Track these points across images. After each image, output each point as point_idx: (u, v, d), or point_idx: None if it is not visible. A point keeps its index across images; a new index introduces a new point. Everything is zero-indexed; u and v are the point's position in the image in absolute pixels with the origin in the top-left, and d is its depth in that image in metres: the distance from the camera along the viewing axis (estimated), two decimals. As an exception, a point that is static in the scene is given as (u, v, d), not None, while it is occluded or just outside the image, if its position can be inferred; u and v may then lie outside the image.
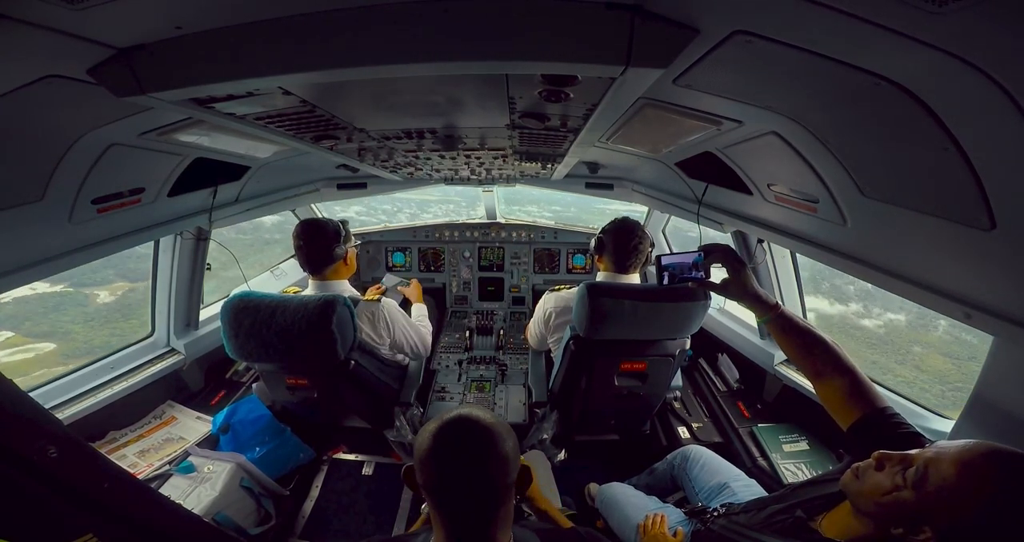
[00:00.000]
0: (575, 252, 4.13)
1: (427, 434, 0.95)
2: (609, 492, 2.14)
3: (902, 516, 0.91)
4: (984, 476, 0.83)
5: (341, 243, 2.22)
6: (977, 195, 0.99)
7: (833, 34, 0.80)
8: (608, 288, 2.06)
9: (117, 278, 6.45)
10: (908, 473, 0.91)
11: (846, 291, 7.44)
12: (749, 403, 2.76)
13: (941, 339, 6.25)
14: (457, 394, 3.16)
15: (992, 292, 1.19)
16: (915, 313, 6.66)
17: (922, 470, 0.89)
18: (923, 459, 0.90)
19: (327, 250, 2.17)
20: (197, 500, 2.02)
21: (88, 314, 6.01)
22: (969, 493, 0.83)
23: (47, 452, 1.08)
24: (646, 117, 1.50)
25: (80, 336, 5.72)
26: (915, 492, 0.89)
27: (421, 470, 0.94)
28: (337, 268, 2.26)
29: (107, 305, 6.18)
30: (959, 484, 0.84)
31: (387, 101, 1.31)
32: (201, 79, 0.98)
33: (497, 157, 2.22)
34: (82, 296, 6.34)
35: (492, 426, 0.95)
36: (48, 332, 5.47)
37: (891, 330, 7.10)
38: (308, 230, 2.18)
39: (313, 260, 2.19)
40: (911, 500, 0.89)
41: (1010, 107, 0.78)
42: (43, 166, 1.40)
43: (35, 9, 0.77)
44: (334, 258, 2.21)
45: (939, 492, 0.86)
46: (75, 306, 6.19)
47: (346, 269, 2.32)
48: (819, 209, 1.58)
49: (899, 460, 0.94)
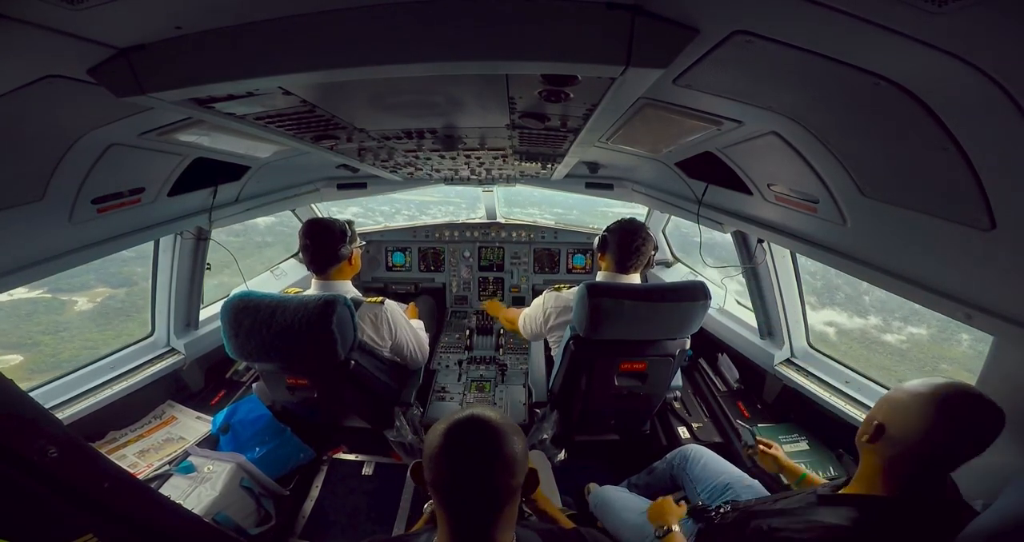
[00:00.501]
0: (575, 252, 4.12)
1: (438, 432, 0.96)
2: (602, 495, 2.15)
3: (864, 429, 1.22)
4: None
5: (347, 243, 2.21)
6: (977, 195, 1.00)
7: (833, 34, 0.80)
8: (608, 288, 2.06)
9: (98, 283, 5.99)
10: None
11: (862, 302, 7.19)
12: (749, 403, 2.76)
13: (965, 354, 6.06)
14: (457, 394, 3.16)
15: (992, 292, 1.20)
16: (936, 326, 6.49)
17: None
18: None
19: (333, 249, 2.17)
20: (197, 500, 2.02)
21: (59, 324, 5.56)
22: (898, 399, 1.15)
23: (47, 452, 1.08)
24: (646, 117, 1.50)
25: (48, 349, 5.16)
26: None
27: (430, 467, 0.95)
28: (342, 268, 2.25)
29: (83, 314, 5.69)
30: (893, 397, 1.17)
31: (387, 101, 1.31)
32: (201, 79, 0.98)
33: (497, 157, 2.22)
34: (58, 303, 5.84)
35: (503, 427, 0.95)
36: (16, 343, 4.98)
37: (914, 344, 6.89)
38: (314, 229, 2.18)
39: (318, 259, 2.19)
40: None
41: (1010, 107, 0.78)
42: (43, 166, 1.40)
43: (35, 9, 0.77)
44: (340, 257, 2.20)
45: (879, 403, 1.21)
46: (50, 314, 5.68)
47: (350, 269, 2.31)
48: (819, 209, 1.58)
49: None
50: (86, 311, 5.75)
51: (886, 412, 1.16)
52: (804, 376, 2.50)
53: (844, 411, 2.20)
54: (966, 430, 1.05)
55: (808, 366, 2.56)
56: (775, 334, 2.69)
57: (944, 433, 1.05)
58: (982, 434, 1.04)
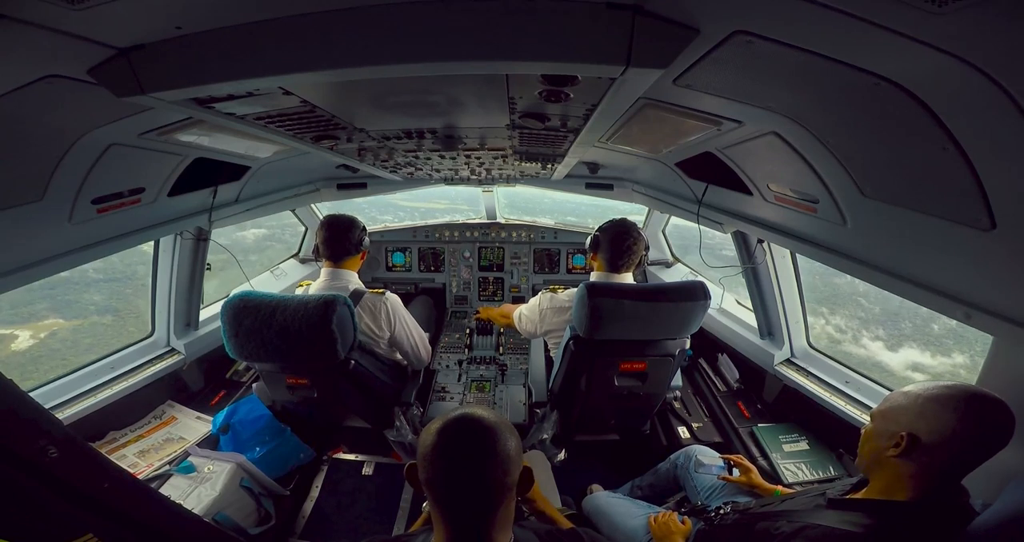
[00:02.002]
0: (575, 252, 4.12)
1: (431, 431, 0.96)
2: (593, 502, 2.15)
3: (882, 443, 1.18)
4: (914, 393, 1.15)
5: (365, 238, 2.41)
6: (977, 195, 1.00)
7: (833, 34, 0.81)
8: (608, 288, 2.06)
9: (51, 312, 5.32)
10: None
11: (932, 331, 6.39)
12: (749, 403, 2.77)
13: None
14: (457, 394, 3.16)
15: (992, 292, 1.20)
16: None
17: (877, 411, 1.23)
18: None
19: (351, 240, 2.33)
20: (197, 500, 2.02)
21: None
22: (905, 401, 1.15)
23: (47, 452, 1.08)
24: (646, 117, 1.50)
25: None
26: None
27: (424, 467, 0.95)
28: (354, 260, 2.40)
29: (16, 354, 4.83)
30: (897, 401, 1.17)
31: (387, 101, 1.31)
32: (201, 79, 0.98)
33: (497, 157, 2.22)
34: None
35: (496, 425, 0.95)
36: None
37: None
38: (338, 220, 2.34)
39: (336, 248, 2.32)
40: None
41: (1010, 107, 0.78)
42: (43, 166, 1.40)
43: (35, 9, 0.77)
44: (357, 250, 2.37)
45: (885, 415, 1.19)
46: (-17, 349, 4.70)
47: (359, 262, 2.46)
48: (819, 209, 1.58)
49: None
50: (20, 350, 4.92)
51: (912, 422, 1.11)
52: (804, 376, 2.50)
53: (844, 411, 2.20)
54: (993, 430, 1.05)
55: (808, 366, 2.56)
56: (775, 334, 2.69)
57: (975, 434, 1.05)
58: (1005, 434, 1.04)
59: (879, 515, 1.16)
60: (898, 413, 1.15)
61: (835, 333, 8.89)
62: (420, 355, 2.56)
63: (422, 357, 2.58)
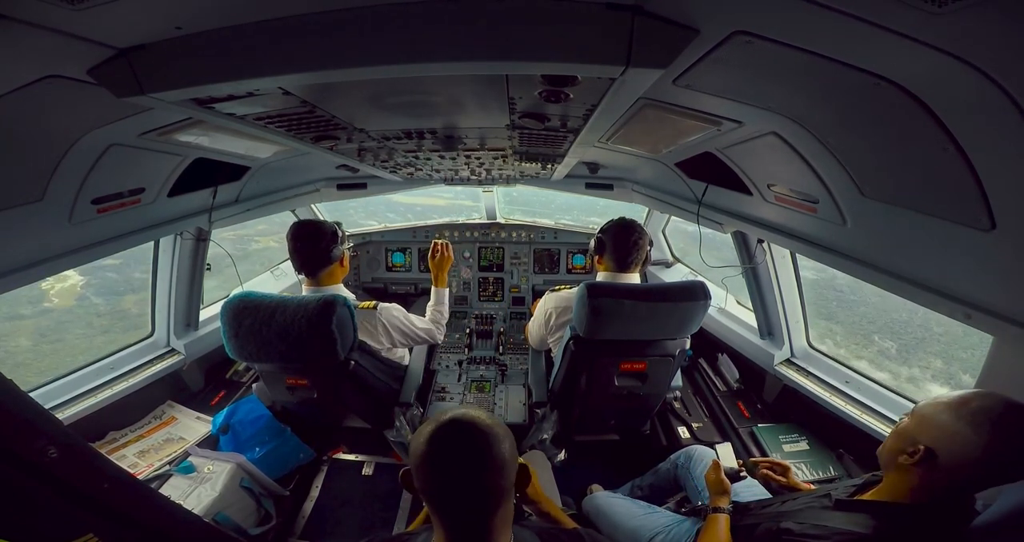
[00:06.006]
0: (575, 252, 4.12)
1: (422, 438, 0.93)
2: (593, 502, 2.15)
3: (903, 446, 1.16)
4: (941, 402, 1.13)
5: (338, 244, 2.17)
6: (977, 195, 1.00)
7: (833, 34, 0.81)
8: (608, 288, 2.06)
9: None
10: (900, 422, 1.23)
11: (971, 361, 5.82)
12: (749, 403, 2.76)
13: None
14: (457, 394, 3.16)
15: (992, 292, 1.20)
16: None
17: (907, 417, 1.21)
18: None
19: (324, 251, 2.12)
20: (197, 500, 2.02)
21: None
22: (937, 414, 1.11)
23: (47, 452, 1.08)
24: (646, 117, 1.50)
25: None
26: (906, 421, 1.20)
27: (417, 475, 0.93)
28: (333, 271, 2.21)
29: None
30: (926, 412, 1.14)
31: (387, 101, 1.31)
32: (201, 79, 0.97)
33: (497, 157, 2.22)
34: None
35: (488, 428, 0.93)
36: None
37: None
38: (305, 230, 2.14)
39: (309, 262, 2.14)
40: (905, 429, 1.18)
41: (1010, 107, 0.78)
42: (43, 166, 1.40)
43: (35, 9, 0.77)
44: (331, 260, 2.16)
45: (920, 420, 1.15)
46: None
47: (341, 271, 2.28)
48: (819, 209, 1.58)
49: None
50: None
51: (934, 437, 1.09)
52: (804, 376, 2.50)
53: (844, 411, 2.20)
54: (1020, 448, 1.01)
55: (808, 366, 2.56)
56: (775, 334, 2.69)
57: (1002, 455, 1.02)
58: None
59: (886, 518, 1.15)
60: (930, 425, 1.11)
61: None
62: (435, 338, 2.55)
63: (437, 338, 2.57)
